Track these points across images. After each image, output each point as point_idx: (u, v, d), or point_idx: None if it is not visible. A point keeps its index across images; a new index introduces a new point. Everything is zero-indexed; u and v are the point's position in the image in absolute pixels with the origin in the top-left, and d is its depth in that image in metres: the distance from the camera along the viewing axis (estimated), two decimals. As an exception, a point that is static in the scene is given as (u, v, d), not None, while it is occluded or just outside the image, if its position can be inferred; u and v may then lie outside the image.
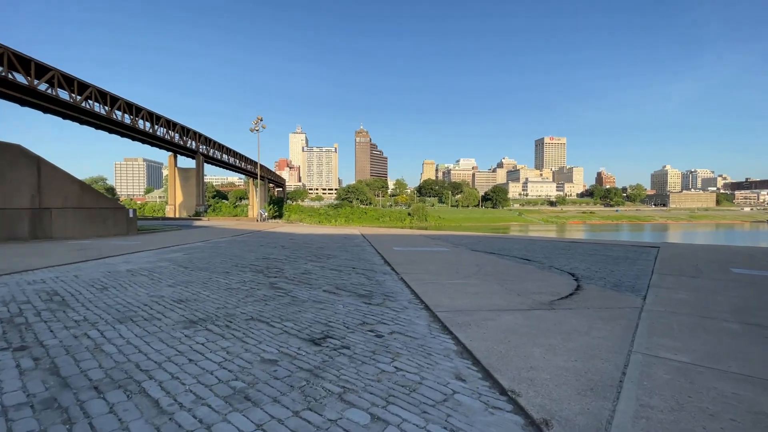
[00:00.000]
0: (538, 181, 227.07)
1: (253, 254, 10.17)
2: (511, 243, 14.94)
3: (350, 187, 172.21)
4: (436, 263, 8.86)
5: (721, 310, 4.79)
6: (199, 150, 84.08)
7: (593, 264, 9.36)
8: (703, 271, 8.31)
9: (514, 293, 5.60)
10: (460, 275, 7.20)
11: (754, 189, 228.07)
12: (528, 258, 10.30)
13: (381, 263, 8.86)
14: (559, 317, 4.34)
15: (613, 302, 5.17)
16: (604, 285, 6.49)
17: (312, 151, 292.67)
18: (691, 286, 6.40)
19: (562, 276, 7.40)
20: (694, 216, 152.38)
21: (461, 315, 4.38)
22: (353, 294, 5.48)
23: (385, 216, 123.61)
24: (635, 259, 10.50)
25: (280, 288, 5.77)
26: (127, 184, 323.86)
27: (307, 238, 16.56)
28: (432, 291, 5.69)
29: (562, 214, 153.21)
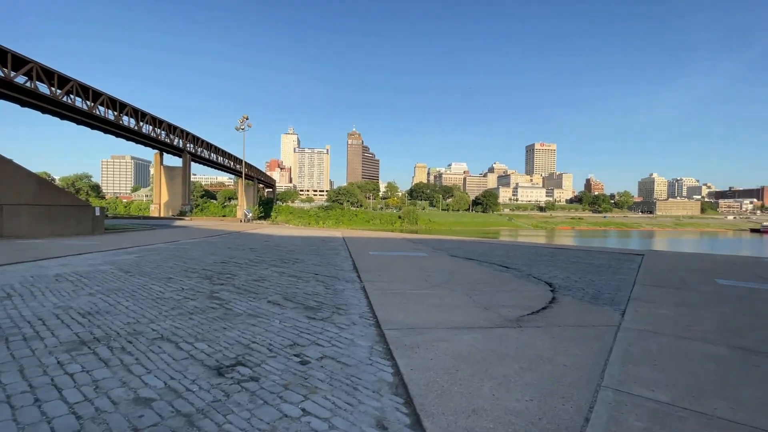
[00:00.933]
0: (528, 186, 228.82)
1: (213, 257, 9.46)
2: (494, 248, 14.45)
3: (341, 189, 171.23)
4: (407, 270, 8.28)
5: (707, 330, 4.28)
6: (185, 148, 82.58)
7: (574, 273, 8.87)
8: (688, 281, 7.88)
9: (481, 307, 5.04)
10: (429, 284, 6.62)
11: (737, 198, 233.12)
12: (507, 265, 9.79)
13: (349, 269, 8.25)
14: (523, 338, 3.77)
15: (588, 318, 4.63)
16: (581, 297, 5.97)
17: (304, 152, 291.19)
18: (675, 300, 5.92)
19: (538, 286, 6.87)
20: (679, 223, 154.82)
21: (413, 334, 3.79)
22: (300, 306, 4.86)
23: (375, 219, 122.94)
24: (618, 267, 10.06)
25: (219, 298, 5.11)
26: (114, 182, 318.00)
27: (284, 241, 15.86)
28: (391, 303, 5.10)
29: (552, 219, 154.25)
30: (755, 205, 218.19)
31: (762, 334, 4.20)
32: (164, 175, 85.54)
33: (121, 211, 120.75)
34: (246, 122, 43.82)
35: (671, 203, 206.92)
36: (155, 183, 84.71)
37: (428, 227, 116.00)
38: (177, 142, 79.60)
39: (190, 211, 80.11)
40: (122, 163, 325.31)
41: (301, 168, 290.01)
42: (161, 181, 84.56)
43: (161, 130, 73.39)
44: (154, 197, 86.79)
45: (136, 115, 65.26)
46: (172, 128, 76.45)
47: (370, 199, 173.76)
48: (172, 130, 77.07)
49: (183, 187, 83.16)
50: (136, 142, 72.60)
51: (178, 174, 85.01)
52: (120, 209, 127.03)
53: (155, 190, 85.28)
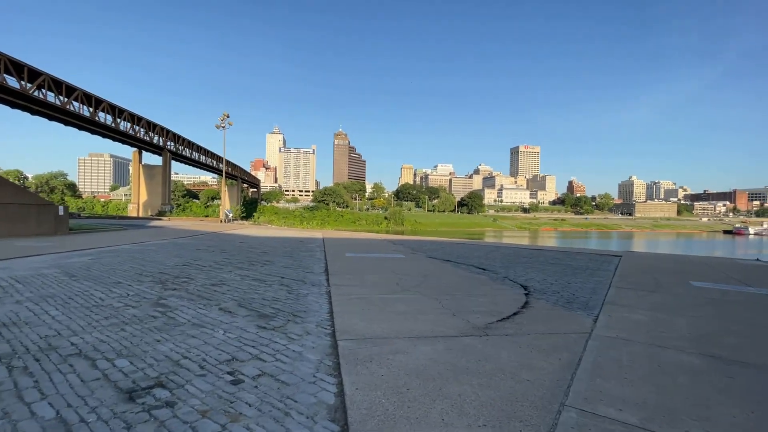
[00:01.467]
0: (513, 188, 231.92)
1: (177, 259, 8.94)
2: (474, 250, 14.28)
3: (327, 190, 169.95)
4: (380, 272, 7.95)
5: (680, 336, 4.09)
6: (166, 147, 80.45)
7: (551, 275, 8.71)
8: (663, 283, 7.79)
9: (449, 313, 4.75)
10: (399, 288, 6.31)
11: (711, 201, 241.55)
12: (484, 267, 9.57)
13: (320, 272, 7.87)
14: (488, 348, 3.49)
15: (559, 325, 4.39)
16: (555, 301, 5.76)
17: (289, 152, 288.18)
18: (649, 303, 5.77)
19: (513, 289, 6.65)
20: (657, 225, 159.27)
21: (369, 345, 3.46)
22: (253, 314, 4.47)
23: (361, 219, 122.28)
24: (595, 269, 9.98)
25: (165, 305, 4.68)
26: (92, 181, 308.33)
27: (260, 242, 15.34)
28: (354, 310, 4.76)
29: (535, 220, 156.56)
30: (728, 208, 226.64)
31: (735, 341, 4.03)
32: (143, 174, 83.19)
33: (98, 211, 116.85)
34: (226, 120, 42.80)
35: (649, 205, 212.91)
36: (134, 182, 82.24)
37: (414, 228, 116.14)
38: (157, 140, 77.44)
39: (171, 211, 78.04)
40: (101, 162, 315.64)
41: (286, 168, 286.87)
42: (140, 180, 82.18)
43: (140, 128, 71.20)
44: (132, 197, 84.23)
45: (113, 112, 63.14)
46: (152, 126, 74.33)
47: (356, 199, 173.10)
48: (152, 127, 74.93)
49: (163, 186, 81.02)
50: (114, 140, 70.32)
51: (157, 173, 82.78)
52: (97, 209, 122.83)
53: (134, 189, 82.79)
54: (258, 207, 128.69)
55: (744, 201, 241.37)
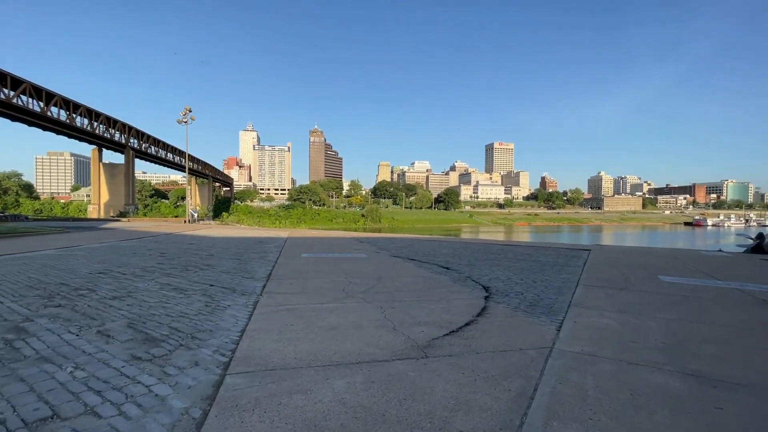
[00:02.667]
0: (488, 184, 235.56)
1: (96, 266, 7.78)
2: (443, 247, 13.66)
3: (302, 188, 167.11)
4: (331, 275, 7.11)
5: (654, 347, 3.47)
6: (128, 144, 76.40)
7: (517, 272, 8.13)
8: (632, 279, 7.33)
9: (390, 326, 3.97)
10: (344, 294, 5.49)
11: (673, 194, 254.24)
12: (448, 266, 8.90)
13: (262, 276, 6.95)
14: (422, 378, 2.72)
15: (516, 337, 3.69)
16: (517, 305, 5.09)
17: (264, 150, 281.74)
18: (618, 304, 5.20)
19: (473, 291, 5.96)
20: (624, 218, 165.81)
21: (265, 381, 2.62)
22: (139, 337, 3.54)
23: (338, 217, 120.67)
24: (564, 265, 9.50)
25: (23, 331, 3.66)
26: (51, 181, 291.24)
27: (213, 243, 14.15)
28: (273, 326, 3.90)
29: (510, 216, 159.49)
30: (688, 201, 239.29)
31: (714, 349, 3.45)
32: (104, 173, 78.75)
33: (57, 213, 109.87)
34: (188, 115, 40.54)
35: (617, 199, 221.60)
36: (93, 181, 77.57)
37: (391, 225, 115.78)
38: (118, 137, 73.33)
39: (135, 211, 74.13)
40: (60, 161, 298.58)
41: (261, 166, 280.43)
42: (100, 180, 77.75)
43: (99, 124, 67.06)
44: (92, 197, 79.49)
45: (67, 107, 59.08)
46: (112, 122, 70.24)
47: (333, 197, 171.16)
48: (112, 123, 70.82)
49: (126, 185, 76.99)
50: (70, 137, 65.94)
51: (120, 172, 78.59)
52: (57, 210, 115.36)
53: (93, 189, 78.16)
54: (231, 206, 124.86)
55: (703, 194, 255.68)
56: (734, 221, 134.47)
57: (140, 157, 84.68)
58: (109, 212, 74.26)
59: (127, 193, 76.84)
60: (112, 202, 77.09)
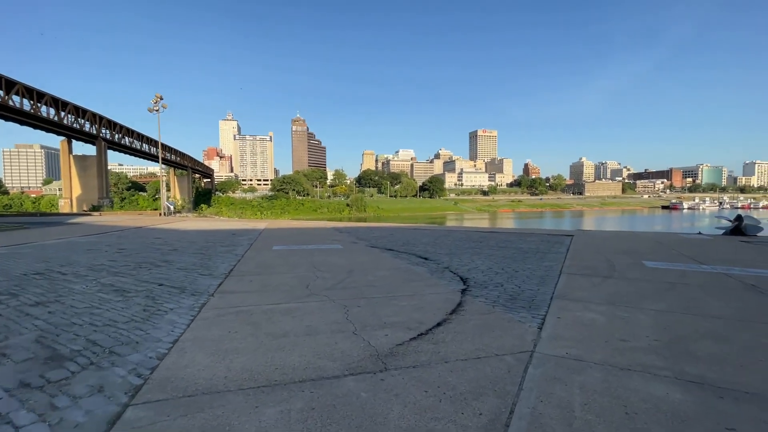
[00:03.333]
0: (472, 171, 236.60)
1: (37, 265, 6.99)
2: (424, 236, 13.21)
3: (286, 178, 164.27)
4: (298, 269, 6.54)
5: (648, 346, 3.06)
6: (99, 135, 73.11)
7: (498, 261, 7.74)
8: (616, 266, 7.02)
9: (350, 330, 3.45)
10: (307, 292, 4.95)
11: (651, 179, 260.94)
12: (427, 256, 8.44)
13: (221, 273, 6.33)
14: (375, 401, 2.22)
15: (492, 340, 3.23)
16: (496, 299, 4.66)
17: (245, 140, 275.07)
18: (605, 294, 4.83)
19: (450, 285, 5.50)
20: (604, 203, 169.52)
21: (176, 413, 2.07)
22: (40, 355, 2.92)
23: (323, 207, 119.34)
24: (546, 252, 9.18)
25: None
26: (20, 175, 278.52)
27: (181, 237, 13.35)
28: (212, 335, 3.34)
29: (494, 203, 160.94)
30: (665, 185, 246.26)
31: (714, 347, 3.07)
32: (75, 166, 75.32)
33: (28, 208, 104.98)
34: (160, 102, 38.60)
35: (597, 185, 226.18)
36: (63, 175, 74.04)
37: (376, 214, 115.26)
38: (88, 128, 70.02)
39: (109, 205, 71.39)
40: (30, 153, 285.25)
41: (242, 156, 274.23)
42: (71, 173, 74.34)
43: (67, 114, 63.74)
44: (64, 191, 76.02)
45: (30, 96, 55.80)
46: (81, 111, 66.94)
47: (317, 187, 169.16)
48: (81, 113, 67.54)
49: (98, 178, 74.01)
50: (35, 128, 62.52)
51: (92, 164, 75.35)
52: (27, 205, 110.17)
53: (64, 182, 74.67)
54: (212, 198, 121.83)
55: (679, 178, 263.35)
56: (708, 204, 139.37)
57: (113, 149, 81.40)
58: (82, 206, 71.23)
59: (100, 186, 73.94)
60: (85, 195, 73.96)
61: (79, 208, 70.12)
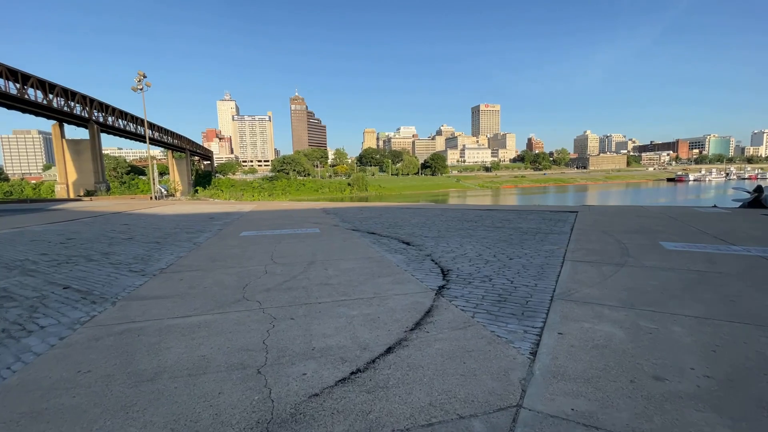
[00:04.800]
0: (475, 147, 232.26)
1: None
2: (415, 215, 12.10)
3: (286, 158, 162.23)
4: (248, 262, 5.48)
5: (696, 391, 1.98)
6: (92, 118, 71.43)
7: (492, 245, 6.64)
8: (630, 250, 5.90)
9: (259, 362, 2.39)
10: (240, 295, 3.90)
11: (657, 151, 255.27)
12: (410, 241, 7.35)
13: (155, 269, 5.29)
14: None
15: (459, 382, 2.16)
16: (480, 300, 3.58)
17: (243, 120, 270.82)
18: (620, 290, 3.74)
19: (426, 279, 4.43)
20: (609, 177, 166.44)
21: None
22: None
23: (324, 187, 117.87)
24: (548, 232, 8.05)
25: None
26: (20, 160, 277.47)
27: (153, 222, 12.32)
28: (52, 378, 2.29)
29: (497, 179, 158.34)
30: (671, 157, 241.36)
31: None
32: (69, 150, 74.05)
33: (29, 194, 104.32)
34: (143, 81, 36.79)
35: (602, 158, 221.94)
36: (57, 160, 72.82)
37: (378, 193, 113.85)
38: (80, 111, 68.30)
39: (106, 189, 70.55)
40: (28, 139, 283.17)
41: (242, 137, 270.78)
42: (65, 157, 73.14)
43: (55, 96, 61.93)
44: (59, 176, 74.89)
45: (15, 78, 53.93)
46: (71, 94, 65.06)
47: (318, 167, 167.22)
48: (71, 96, 65.64)
49: (93, 162, 72.92)
50: (23, 111, 60.94)
51: (85, 148, 74.06)
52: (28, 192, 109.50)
53: (59, 167, 73.53)
54: (212, 180, 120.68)
55: (685, 150, 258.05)
56: (715, 175, 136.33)
57: (107, 132, 79.84)
58: (78, 191, 70.49)
59: (95, 170, 72.94)
60: (81, 180, 73.05)
61: (76, 193, 69.36)
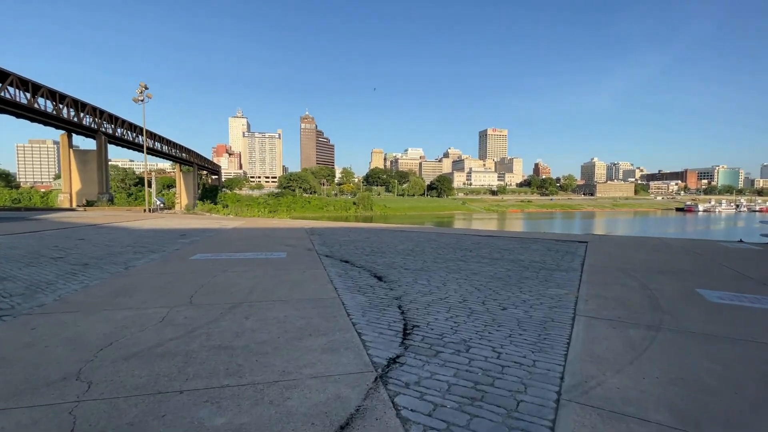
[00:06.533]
0: (482, 171, 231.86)
1: None
2: (405, 240, 10.80)
3: (293, 175, 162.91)
4: (157, 301, 4.20)
5: None
6: (100, 129, 72.14)
7: (483, 284, 5.29)
8: (661, 300, 4.51)
9: None
10: (87, 363, 2.61)
11: (665, 180, 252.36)
12: (384, 275, 6.02)
13: (24, 308, 4.02)
14: None
15: None
16: (442, 395, 2.25)
17: (254, 137, 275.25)
18: (665, 381, 2.37)
19: (377, 342, 3.10)
20: (616, 204, 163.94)
21: None
22: None
23: (329, 205, 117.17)
24: (554, 268, 6.67)
25: None
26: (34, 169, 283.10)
27: (114, 237, 11.16)
28: None
29: (503, 202, 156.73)
30: (679, 186, 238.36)
31: None
32: (75, 160, 74.51)
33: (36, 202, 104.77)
34: (145, 92, 36.65)
35: (609, 185, 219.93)
36: (63, 169, 73.17)
37: (383, 213, 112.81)
38: (88, 122, 69.04)
39: (109, 200, 70.33)
40: (43, 149, 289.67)
41: (251, 153, 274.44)
42: (71, 167, 73.50)
43: (65, 107, 62.67)
44: (63, 185, 75.08)
45: (26, 88, 54.68)
46: (81, 105, 65.86)
47: (324, 185, 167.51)
48: (81, 107, 66.45)
49: (99, 173, 73.13)
50: (33, 121, 61.44)
51: (92, 158, 74.48)
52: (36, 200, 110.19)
53: (64, 177, 73.81)
54: (218, 195, 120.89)
55: (694, 180, 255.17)
56: (725, 206, 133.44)
57: (115, 143, 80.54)
58: (82, 201, 70.39)
59: (100, 181, 73.06)
60: (85, 190, 73.11)
61: (79, 203, 69.22)
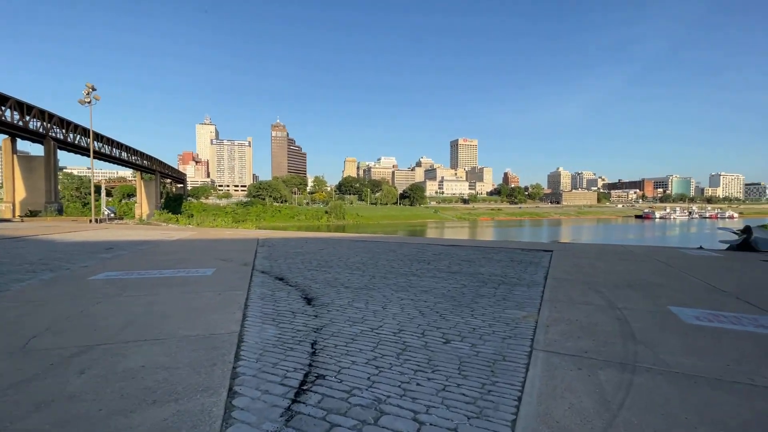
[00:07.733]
0: (453, 180, 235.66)
1: None
2: (362, 251, 9.87)
3: (263, 184, 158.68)
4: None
5: None
6: (49, 134, 67.09)
7: (429, 307, 4.44)
8: (631, 322, 3.81)
9: None
10: None
11: (625, 189, 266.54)
12: (316, 296, 5.05)
13: None
14: None
15: None
16: None
17: (222, 145, 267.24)
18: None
19: (252, 410, 2.15)
20: (581, 212, 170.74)
21: None
22: None
23: (300, 214, 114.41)
24: (514, 282, 5.94)
25: None
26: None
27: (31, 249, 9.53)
28: None
29: (474, 211, 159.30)
30: (638, 195, 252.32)
31: None
32: (19, 167, 68.95)
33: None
34: (92, 93, 34.06)
35: (574, 194, 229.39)
36: (5, 176, 67.41)
37: (356, 222, 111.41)
38: (35, 126, 63.99)
39: (58, 209, 65.13)
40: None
41: (220, 162, 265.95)
42: (14, 174, 67.87)
43: (8, 109, 57.86)
44: (5, 194, 69.02)
45: (-39, 88, 49.98)
46: (27, 108, 61.03)
47: (296, 194, 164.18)
48: (27, 110, 61.58)
49: (47, 181, 67.82)
50: (-33, 124, 56.27)
51: (39, 165, 69.14)
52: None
53: (6, 185, 67.96)
54: (183, 204, 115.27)
55: (651, 189, 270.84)
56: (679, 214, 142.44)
57: (66, 149, 75.17)
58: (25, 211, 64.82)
59: (48, 190, 67.73)
60: (30, 199, 67.61)
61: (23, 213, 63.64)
